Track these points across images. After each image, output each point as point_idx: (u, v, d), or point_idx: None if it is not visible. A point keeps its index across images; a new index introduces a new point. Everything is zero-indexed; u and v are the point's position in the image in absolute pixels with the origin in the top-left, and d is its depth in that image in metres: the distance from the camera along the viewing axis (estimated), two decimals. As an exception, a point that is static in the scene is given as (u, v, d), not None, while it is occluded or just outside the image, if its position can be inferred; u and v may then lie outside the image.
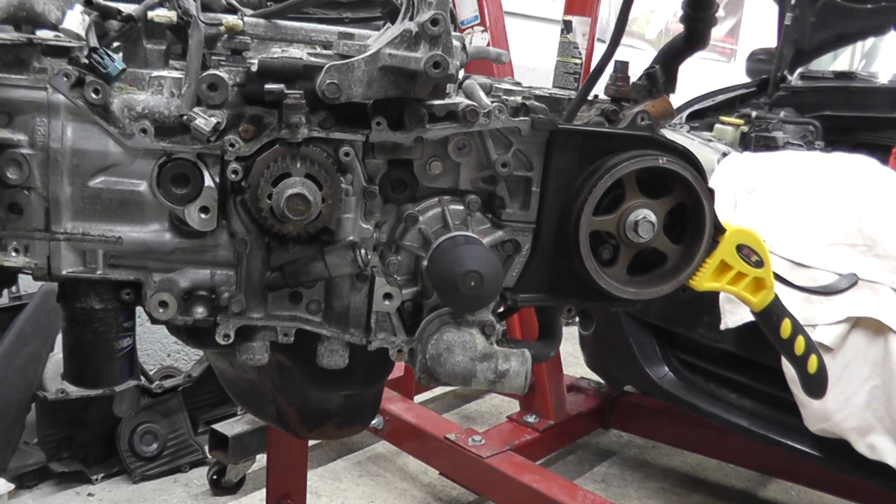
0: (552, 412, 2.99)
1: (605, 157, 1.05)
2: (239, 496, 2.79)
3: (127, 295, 1.02)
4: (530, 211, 1.07)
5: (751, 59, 3.74)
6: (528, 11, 4.62)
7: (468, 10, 2.75)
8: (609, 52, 1.11)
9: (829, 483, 2.69)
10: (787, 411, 2.25)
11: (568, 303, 1.13)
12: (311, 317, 1.06)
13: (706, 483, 3.24)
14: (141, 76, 0.97)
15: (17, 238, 0.95)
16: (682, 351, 2.67)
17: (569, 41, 2.76)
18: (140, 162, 0.96)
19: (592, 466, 3.28)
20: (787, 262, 2.09)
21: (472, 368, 1.02)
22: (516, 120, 1.03)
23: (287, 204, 0.93)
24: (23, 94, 0.92)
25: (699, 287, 1.10)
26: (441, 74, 0.93)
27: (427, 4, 0.94)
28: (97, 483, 2.75)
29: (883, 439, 2.00)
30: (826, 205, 2.20)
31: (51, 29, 0.99)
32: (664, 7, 6.28)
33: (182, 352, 3.40)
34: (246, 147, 0.96)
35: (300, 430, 1.37)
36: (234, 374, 1.37)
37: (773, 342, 1.17)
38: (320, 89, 0.94)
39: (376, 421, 2.88)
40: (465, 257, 0.98)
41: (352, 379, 1.19)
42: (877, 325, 1.97)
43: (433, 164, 1.04)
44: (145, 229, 0.99)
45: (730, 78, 3.92)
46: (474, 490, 2.80)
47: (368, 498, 2.89)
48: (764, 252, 1.11)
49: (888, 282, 1.99)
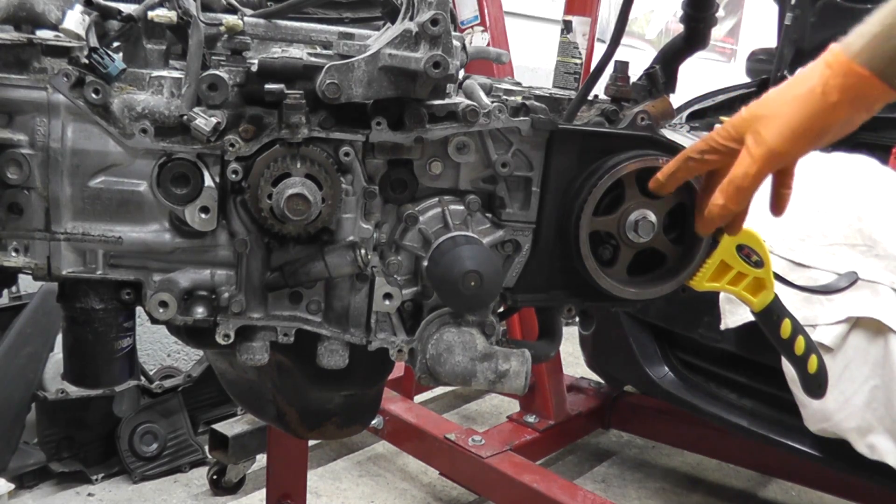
0: (552, 412, 2.99)
1: (605, 157, 1.05)
2: (239, 496, 2.79)
3: (127, 295, 1.02)
4: (530, 211, 1.07)
5: (751, 59, 3.73)
6: (528, 11, 4.62)
7: (468, 10, 2.74)
8: (609, 52, 1.11)
9: (829, 483, 2.68)
10: (787, 411, 2.25)
11: (568, 303, 1.13)
12: (311, 317, 1.06)
13: (706, 483, 3.24)
14: (141, 76, 0.97)
15: (17, 238, 0.95)
16: (682, 351, 2.67)
17: (569, 41, 2.76)
18: (140, 162, 0.96)
19: (592, 466, 3.28)
20: (787, 262, 2.09)
21: (472, 368, 1.02)
22: (516, 120, 1.03)
23: (287, 204, 0.93)
24: (23, 94, 0.92)
25: (699, 287, 1.11)
26: (441, 74, 0.93)
27: (427, 4, 0.94)
28: (97, 483, 2.75)
29: (883, 439, 2.00)
30: (826, 205, 2.19)
31: (51, 29, 0.99)
32: (664, 7, 6.28)
33: (182, 352, 3.40)
34: (246, 147, 0.96)
35: (300, 430, 1.37)
36: (234, 374, 1.37)
37: (773, 342, 1.17)
38: (320, 89, 0.94)
39: (376, 421, 2.88)
40: (465, 257, 0.98)
41: (352, 379, 1.19)
42: (877, 325, 1.97)
43: (433, 164, 1.04)
44: (145, 229, 0.99)
45: (730, 78, 3.92)
46: (474, 490, 2.80)
47: (368, 498, 2.89)
48: (764, 252, 1.11)
49: (888, 282, 1.99)
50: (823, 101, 0.89)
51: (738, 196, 0.95)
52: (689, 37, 1.15)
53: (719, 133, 0.97)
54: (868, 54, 0.87)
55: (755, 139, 0.93)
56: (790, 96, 0.92)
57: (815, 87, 0.89)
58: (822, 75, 0.89)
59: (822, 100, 0.89)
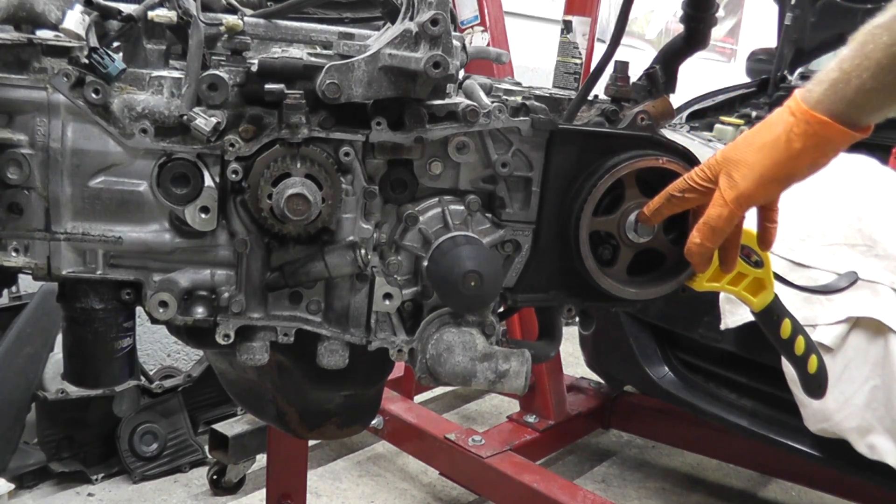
0: (552, 412, 2.99)
1: (605, 157, 1.05)
2: (239, 496, 2.79)
3: (127, 295, 1.02)
4: (530, 211, 1.07)
5: (751, 59, 3.73)
6: (528, 11, 4.62)
7: (468, 10, 2.74)
8: (609, 52, 1.11)
9: (829, 483, 2.68)
10: (787, 411, 2.24)
11: (568, 303, 1.13)
12: (311, 317, 1.06)
13: (706, 483, 3.24)
14: (141, 76, 0.97)
15: (17, 238, 0.95)
16: (682, 351, 2.67)
17: (569, 41, 2.76)
18: (140, 162, 0.96)
19: (592, 466, 3.28)
20: (787, 262, 2.09)
21: (472, 368, 1.02)
22: (516, 120, 1.03)
23: (287, 204, 0.93)
24: (23, 94, 0.92)
25: (699, 287, 1.11)
26: (441, 74, 0.93)
27: (427, 4, 0.94)
28: (97, 483, 2.75)
29: (883, 439, 1.99)
30: (826, 205, 2.19)
31: (51, 29, 0.99)
32: (664, 7, 6.27)
33: (182, 352, 3.40)
34: (246, 147, 0.96)
35: (300, 430, 1.37)
36: (234, 374, 1.37)
37: (773, 342, 1.17)
38: (320, 89, 0.94)
39: (376, 421, 2.88)
40: (465, 257, 0.98)
41: (352, 379, 1.19)
42: (877, 325, 1.97)
43: (433, 164, 1.04)
44: (145, 229, 0.99)
45: (730, 78, 3.92)
46: (474, 490, 2.80)
47: (368, 498, 2.89)
48: (764, 252, 1.11)
49: (888, 282, 1.99)
50: (788, 148, 0.94)
51: (712, 235, 1.00)
52: (689, 37, 1.15)
53: (696, 174, 1.01)
54: (828, 101, 0.91)
55: (727, 182, 0.98)
56: (758, 144, 0.96)
57: (780, 136, 0.94)
58: (786, 123, 0.94)
59: (787, 147, 0.94)
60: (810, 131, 0.92)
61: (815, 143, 0.93)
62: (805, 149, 0.93)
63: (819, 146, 0.93)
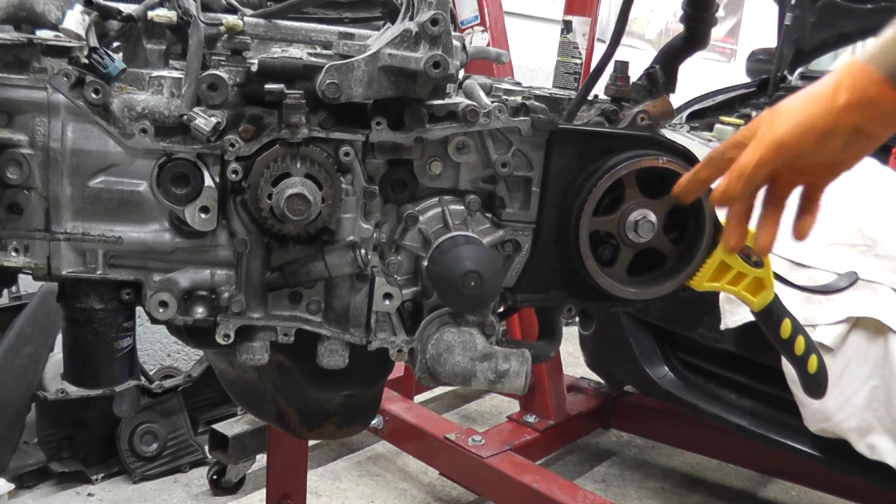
0: (552, 412, 2.99)
1: (605, 157, 1.05)
2: (239, 496, 2.79)
3: (127, 295, 1.02)
4: (530, 211, 1.07)
5: (751, 59, 3.73)
6: (528, 11, 4.62)
7: (468, 10, 2.74)
8: (609, 52, 1.11)
9: (829, 483, 2.68)
10: (787, 411, 2.24)
11: (568, 303, 1.13)
12: (311, 317, 1.06)
13: (706, 483, 3.24)
14: (141, 76, 0.97)
15: (17, 238, 0.95)
16: (682, 351, 2.67)
17: (569, 41, 2.76)
18: (140, 162, 0.96)
19: (592, 466, 3.28)
20: (787, 262, 2.09)
21: (472, 368, 1.02)
22: (516, 120, 1.03)
23: (287, 204, 0.93)
24: (23, 94, 0.92)
25: (699, 287, 1.10)
26: (441, 74, 0.93)
27: (427, 4, 0.94)
28: (97, 483, 2.75)
29: (883, 439, 1.99)
30: (826, 205, 2.19)
31: (51, 29, 0.99)
32: (664, 7, 6.28)
33: (182, 352, 3.40)
34: (246, 147, 0.96)
35: (300, 430, 1.37)
36: (234, 374, 1.37)
37: (773, 342, 1.17)
38: (320, 89, 0.94)
39: (376, 421, 2.88)
40: (465, 257, 0.98)
41: (352, 379, 1.19)
42: (877, 325, 1.97)
43: (433, 164, 1.04)
44: (145, 229, 0.99)
45: (730, 78, 3.92)
46: (474, 490, 2.80)
47: (368, 498, 2.89)
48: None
49: (888, 282, 1.99)
50: (833, 100, 0.91)
51: (739, 182, 0.98)
52: (689, 37, 1.15)
53: (740, 131, 1.00)
54: (881, 58, 0.88)
55: (767, 127, 0.96)
56: (807, 95, 0.95)
57: (829, 88, 0.92)
58: (838, 75, 0.92)
59: (832, 98, 0.91)
60: (857, 84, 0.89)
61: (860, 99, 0.89)
62: (849, 105, 0.90)
63: (864, 106, 0.90)
